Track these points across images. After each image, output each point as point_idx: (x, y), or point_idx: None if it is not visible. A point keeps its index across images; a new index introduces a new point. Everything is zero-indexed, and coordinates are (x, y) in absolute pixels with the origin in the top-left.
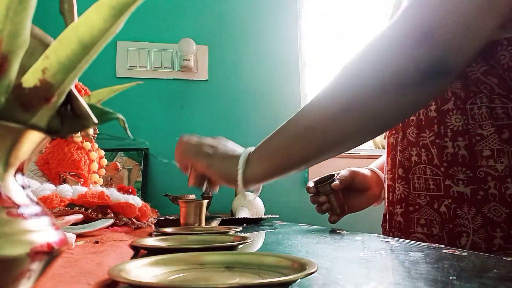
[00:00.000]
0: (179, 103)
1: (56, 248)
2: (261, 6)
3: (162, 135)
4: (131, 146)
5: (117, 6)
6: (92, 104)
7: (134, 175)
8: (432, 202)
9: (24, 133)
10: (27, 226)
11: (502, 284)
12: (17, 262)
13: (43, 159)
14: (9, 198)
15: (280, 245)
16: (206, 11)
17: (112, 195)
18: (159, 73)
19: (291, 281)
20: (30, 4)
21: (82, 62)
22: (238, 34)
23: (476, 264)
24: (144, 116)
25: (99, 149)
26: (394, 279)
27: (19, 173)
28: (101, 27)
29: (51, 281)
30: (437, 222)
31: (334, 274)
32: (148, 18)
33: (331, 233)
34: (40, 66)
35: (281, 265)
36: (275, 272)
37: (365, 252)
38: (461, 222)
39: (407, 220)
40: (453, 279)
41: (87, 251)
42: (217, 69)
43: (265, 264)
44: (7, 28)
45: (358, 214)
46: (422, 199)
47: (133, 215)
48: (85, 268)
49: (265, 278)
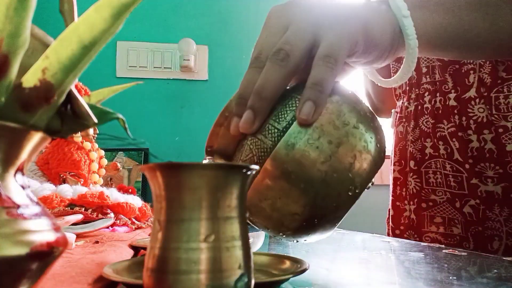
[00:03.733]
0: (179, 103)
1: (56, 248)
2: (261, 6)
3: (162, 135)
4: (131, 146)
5: (117, 6)
6: (92, 104)
7: (134, 175)
8: (453, 200)
9: (24, 133)
10: (27, 226)
11: (502, 284)
12: (17, 262)
13: (43, 159)
14: (9, 198)
15: (280, 245)
16: (206, 11)
17: (112, 195)
18: (159, 73)
19: (281, 280)
20: (30, 4)
21: (82, 62)
22: (238, 34)
23: (476, 264)
24: (144, 116)
25: (99, 149)
26: (394, 279)
27: (19, 173)
28: (101, 27)
29: (51, 281)
30: (459, 222)
31: (334, 274)
32: (148, 18)
33: (331, 233)
34: (40, 66)
35: (273, 265)
36: (267, 272)
37: (365, 252)
38: (492, 225)
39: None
40: (453, 279)
41: (87, 251)
42: (217, 69)
43: (257, 263)
44: (7, 28)
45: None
46: (440, 195)
47: (133, 215)
48: (85, 268)
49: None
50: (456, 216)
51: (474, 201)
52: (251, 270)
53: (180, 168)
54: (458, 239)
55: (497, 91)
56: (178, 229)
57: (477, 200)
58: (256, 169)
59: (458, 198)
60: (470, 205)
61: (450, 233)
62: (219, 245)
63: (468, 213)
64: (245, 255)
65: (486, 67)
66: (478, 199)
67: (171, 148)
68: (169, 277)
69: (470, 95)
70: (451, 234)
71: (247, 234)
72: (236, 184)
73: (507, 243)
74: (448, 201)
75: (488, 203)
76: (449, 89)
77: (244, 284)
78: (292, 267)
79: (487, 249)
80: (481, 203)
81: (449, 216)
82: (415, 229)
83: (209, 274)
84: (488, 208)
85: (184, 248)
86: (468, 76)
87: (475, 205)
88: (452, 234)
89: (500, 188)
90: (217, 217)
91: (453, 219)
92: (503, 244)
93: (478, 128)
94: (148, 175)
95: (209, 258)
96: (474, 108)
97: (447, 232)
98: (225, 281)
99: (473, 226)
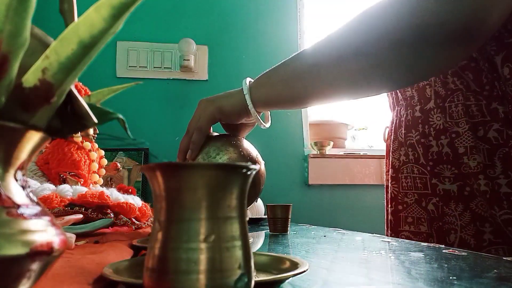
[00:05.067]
0: (179, 103)
1: (56, 248)
2: (261, 6)
3: (162, 135)
4: (131, 146)
5: (117, 6)
6: (92, 104)
7: (134, 175)
8: (420, 201)
9: (24, 133)
10: (27, 226)
11: (502, 284)
12: (17, 262)
13: (43, 159)
14: (9, 198)
15: (280, 245)
16: (206, 11)
17: (112, 195)
18: (159, 73)
19: (282, 279)
20: (30, 4)
21: (82, 62)
22: (238, 34)
23: (476, 264)
24: (144, 116)
25: (99, 149)
26: (394, 279)
27: (19, 173)
28: (101, 27)
29: (51, 281)
30: (425, 220)
31: (334, 274)
32: (148, 18)
33: (331, 233)
34: (40, 66)
35: (273, 264)
36: (267, 272)
37: (365, 252)
38: (449, 220)
39: (396, 218)
40: (453, 279)
41: (87, 251)
42: (217, 69)
43: (257, 263)
44: (7, 28)
45: (358, 214)
46: (410, 197)
47: (133, 215)
48: (85, 268)
49: (256, 277)
50: (422, 215)
51: (435, 199)
52: (251, 270)
53: (180, 168)
54: (425, 236)
55: (449, 101)
56: (178, 229)
57: (437, 198)
58: (256, 169)
59: (424, 197)
60: (432, 203)
61: (418, 231)
62: (219, 245)
63: (431, 210)
64: (245, 255)
65: (438, 81)
66: (437, 196)
67: (171, 148)
68: (169, 277)
69: (430, 106)
70: (419, 232)
71: (247, 234)
72: (236, 184)
73: (461, 235)
74: (416, 202)
75: (445, 200)
76: (416, 103)
77: (244, 284)
78: (292, 267)
79: (445, 242)
80: (440, 200)
81: (417, 216)
82: (393, 230)
83: (209, 274)
84: (445, 205)
85: (184, 248)
86: (425, 90)
87: (435, 203)
88: (420, 232)
89: (456, 186)
90: (217, 217)
91: (420, 218)
92: (458, 236)
93: (437, 135)
94: (148, 175)
95: (209, 258)
96: (433, 117)
97: (416, 230)
98: (225, 281)
99: (435, 222)
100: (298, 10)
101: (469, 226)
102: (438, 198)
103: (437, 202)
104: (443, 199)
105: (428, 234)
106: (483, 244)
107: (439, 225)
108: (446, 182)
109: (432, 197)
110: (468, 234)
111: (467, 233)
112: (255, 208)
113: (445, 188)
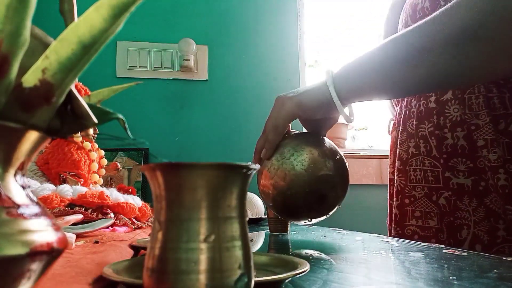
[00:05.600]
0: (179, 103)
1: (56, 248)
2: (261, 6)
3: (162, 135)
4: (131, 146)
5: (117, 6)
6: (92, 104)
7: (134, 175)
8: (430, 194)
9: (24, 133)
10: (27, 226)
11: (502, 284)
12: (17, 262)
13: (43, 159)
14: (9, 198)
15: (280, 245)
16: (206, 11)
17: (112, 195)
18: (159, 73)
19: (282, 279)
20: (30, 4)
21: (82, 62)
22: (238, 34)
23: (476, 264)
24: (144, 116)
25: (99, 149)
26: (394, 279)
27: (19, 173)
28: (101, 27)
29: (51, 281)
30: (435, 215)
31: (334, 274)
32: (148, 18)
33: (331, 233)
34: (40, 66)
35: (273, 264)
36: (267, 272)
37: (365, 252)
38: (461, 215)
39: (402, 212)
40: (453, 279)
41: (87, 251)
42: (217, 69)
43: (257, 263)
44: (7, 28)
45: (358, 214)
46: (419, 191)
47: (133, 215)
48: (85, 268)
49: (256, 277)
50: (432, 209)
51: (447, 193)
52: (251, 270)
53: (180, 168)
54: (434, 231)
55: (469, 92)
56: (178, 229)
57: (450, 192)
58: (257, 169)
59: (435, 191)
60: (444, 197)
61: (427, 226)
62: (219, 245)
63: (442, 205)
64: (245, 255)
65: None
66: (450, 191)
67: (171, 148)
68: (169, 277)
69: (447, 97)
70: (427, 227)
71: (247, 234)
72: (236, 184)
73: (474, 231)
74: (426, 196)
75: (459, 194)
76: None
77: (244, 284)
78: (292, 267)
79: (456, 237)
80: (452, 195)
81: (426, 210)
82: (398, 223)
83: (209, 274)
84: (458, 199)
85: (184, 248)
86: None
87: (448, 197)
88: (428, 227)
89: (470, 181)
90: (217, 217)
91: (429, 212)
92: (471, 232)
93: (453, 127)
94: (148, 175)
95: (209, 258)
96: (450, 108)
97: (424, 225)
98: (225, 281)
99: (446, 216)
100: (298, 10)
101: (483, 222)
102: (450, 192)
103: (450, 196)
104: (456, 194)
105: (437, 229)
106: (496, 241)
107: (450, 220)
108: (460, 176)
109: (444, 191)
110: (482, 230)
111: (480, 229)
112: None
113: (459, 182)
